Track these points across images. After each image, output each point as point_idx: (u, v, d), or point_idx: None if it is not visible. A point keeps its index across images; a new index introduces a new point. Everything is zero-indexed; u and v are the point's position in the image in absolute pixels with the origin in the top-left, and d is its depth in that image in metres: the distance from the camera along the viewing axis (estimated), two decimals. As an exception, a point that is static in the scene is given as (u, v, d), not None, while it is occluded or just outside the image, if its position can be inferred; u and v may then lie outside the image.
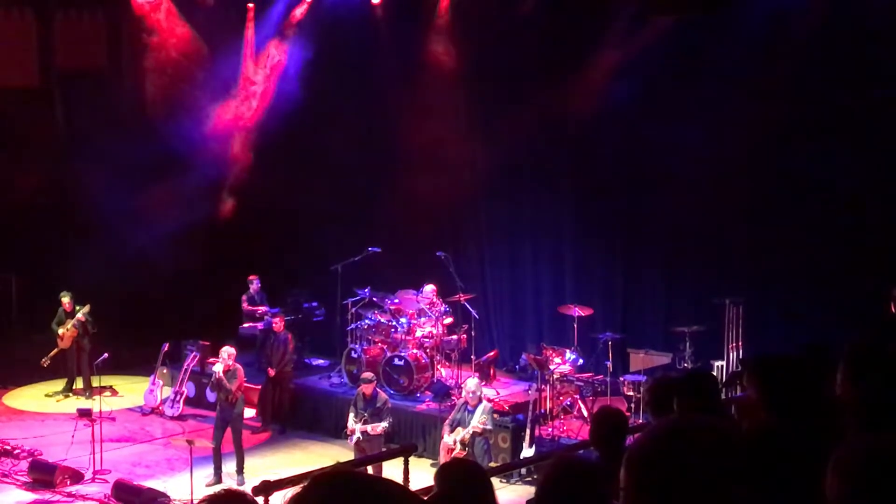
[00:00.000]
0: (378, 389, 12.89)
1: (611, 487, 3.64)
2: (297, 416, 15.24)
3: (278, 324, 15.18)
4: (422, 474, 9.46)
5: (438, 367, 15.02)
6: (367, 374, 12.96)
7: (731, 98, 14.06)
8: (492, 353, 15.52)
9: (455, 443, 12.12)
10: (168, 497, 12.04)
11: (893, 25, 13.04)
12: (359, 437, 12.40)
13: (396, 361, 14.68)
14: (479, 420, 12.12)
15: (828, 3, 13.53)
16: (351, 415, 12.67)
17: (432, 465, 12.66)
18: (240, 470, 13.04)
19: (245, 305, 16.92)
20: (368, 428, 12.35)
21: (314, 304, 17.24)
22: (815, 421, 4.21)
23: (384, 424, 12.41)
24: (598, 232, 15.74)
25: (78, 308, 16.31)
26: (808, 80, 13.65)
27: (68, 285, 16.61)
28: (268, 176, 18.59)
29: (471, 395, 12.31)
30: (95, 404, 13.62)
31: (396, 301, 15.37)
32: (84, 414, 13.27)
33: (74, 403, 15.27)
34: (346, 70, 17.52)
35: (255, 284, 17.02)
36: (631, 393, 13.37)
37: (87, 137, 18.39)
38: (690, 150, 14.45)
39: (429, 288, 15.22)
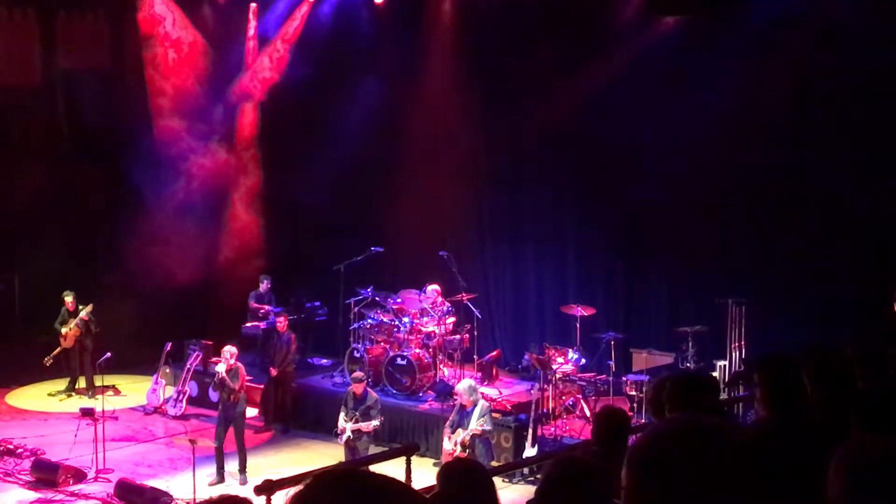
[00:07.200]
0: (368, 388, 12.96)
1: (612, 487, 3.64)
2: (299, 415, 15.25)
3: (282, 323, 15.19)
4: (424, 474, 9.46)
5: (441, 366, 15.02)
6: (358, 374, 12.99)
7: (734, 99, 14.06)
8: (494, 353, 15.53)
9: (455, 445, 12.12)
10: (171, 496, 12.03)
11: (894, 25, 13.04)
12: (349, 436, 12.49)
13: (399, 361, 14.69)
14: (477, 422, 12.11)
15: (829, 5, 13.53)
16: (342, 414, 12.72)
17: (434, 464, 12.66)
18: (242, 469, 13.05)
19: (252, 303, 16.92)
20: (362, 425, 12.42)
21: (317, 303, 17.24)
22: (817, 420, 4.21)
23: (375, 422, 12.49)
24: (601, 232, 15.75)
25: (81, 307, 16.31)
26: (812, 81, 13.66)
27: (71, 284, 16.63)
28: (270, 175, 18.62)
29: (464, 397, 12.29)
30: (98, 403, 13.61)
31: (399, 301, 15.37)
32: (87, 413, 13.27)
33: (77, 403, 15.27)
34: (348, 71, 17.52)
35: (265, 284, 17.02)
36: (633, 393, 13.36)
37: (90, 137, 18.44)
38: (694, 151, 14.47)
39: (432, 288, 15.22)
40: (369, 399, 12.66)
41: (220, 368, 13.19)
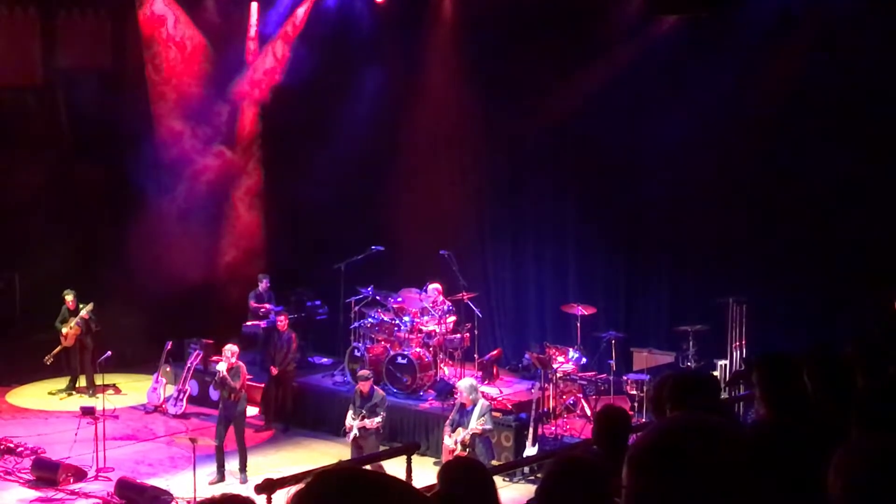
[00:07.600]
0: (374, 386, 13.00)
1: (613, 486, 3.64)
2: (299, 414, 15.26)
3: (282, 322, 15.20)
4: (424, 473, 9.47)
5: (441, 365, 15.03)
6: (364, 372, 13.05)
7: (734, 99, 14.08)
8: (495, 352, 15.54)
9: (456, 443, 12.14)
10: (171, 495, 12.05)
11: (894, 25, 13.04)
12: (356, 434, 12.55)
13: (399, 360, 14.70)
14: (477, 421, 12.13)
15: (829, 4, 13.53)
16: (350, 413, 12.80)
17: (435, 463, 12.68)
18: (243, 468, 13.06)
19: (252, 303, 16.93)
20: (367, 422, 12.49)
21: (317, 302, 17.25)
22: (817, 420, 4.22)
23: (378, 418, 12.55)
24: (602, 231, 15.74)
25: (81, 306, 16.32)
26: (811, 80, 13.65)
27: (72, 283, 16.62)
28: (271, 174, 18.62)
29: (465, 396, 12.31)
30: (99, 402, 13.64)
31: (399, 299, 15.38)
32: (87, 412, 13.27)
33: (78, 401, 15.27)
34: (349, 70, 17.52)
35: (264, 283, 17.03)
36: (634, 392, 13.37)
37: (90, 137, 18.43)
38: (694, 150, 14.47)
39: (432, 286, 15.22)
40: (375, 396, 12.73)
41: (221, 367, 13.21)
